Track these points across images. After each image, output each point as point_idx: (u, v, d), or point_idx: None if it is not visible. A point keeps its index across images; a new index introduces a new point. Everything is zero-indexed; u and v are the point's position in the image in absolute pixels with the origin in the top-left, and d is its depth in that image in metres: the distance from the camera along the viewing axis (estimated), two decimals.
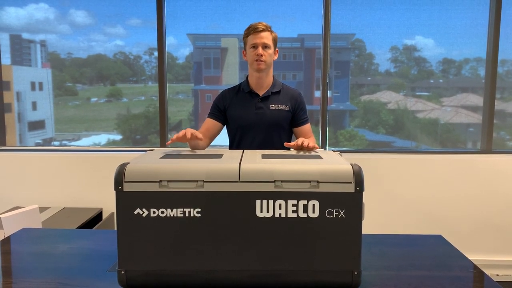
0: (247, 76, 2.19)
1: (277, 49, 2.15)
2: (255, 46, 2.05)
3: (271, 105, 2.12)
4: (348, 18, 3.30)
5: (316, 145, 1.68)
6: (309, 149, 1.62)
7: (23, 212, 2.15)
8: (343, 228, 1.20)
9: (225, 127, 2.23)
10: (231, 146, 2.23)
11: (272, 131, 2.12)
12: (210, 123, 2.14)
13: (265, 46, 2.05)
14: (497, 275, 3.16)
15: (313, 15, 3.30)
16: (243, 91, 2.16)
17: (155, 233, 1.21)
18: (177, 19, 3.33)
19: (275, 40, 2.11)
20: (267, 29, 2.07)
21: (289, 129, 2.19)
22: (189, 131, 1.68)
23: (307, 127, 2.18)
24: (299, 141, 1.65)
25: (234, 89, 2.20)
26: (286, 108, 2.13)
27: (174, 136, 1.69)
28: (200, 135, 1.73)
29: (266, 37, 2.05)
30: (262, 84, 2.14)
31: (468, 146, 3.48)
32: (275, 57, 2.15)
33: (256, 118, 2.11)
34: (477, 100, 3.40)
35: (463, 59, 3.39)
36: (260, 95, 2.13)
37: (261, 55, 2.04)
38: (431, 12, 3.28)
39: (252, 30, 2.05)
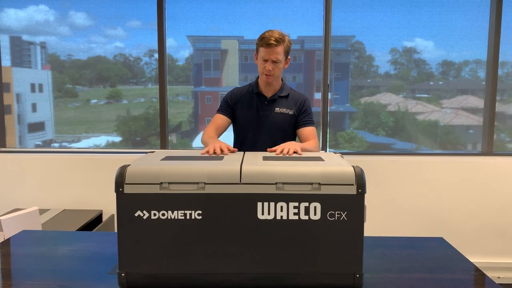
0: (257, 77, 2.20)
1: (289, 57, 2.15)
2: (265, 60, 2.05)
3: (276, 108, 2.14)
4: (349, 20, 3.30)
5: (299, 150, 1.68)
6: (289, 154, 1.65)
7: (23, 214, 2.14)
8: (345, 230, 1.20)
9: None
10: (234, 145, 2.25)
11: (274, 134, 2.13)
12: (220, 119, 2.17)
13: (275, 62, 2.05)
14: (499, 277, 3.16)
15: (313, 17, 3.30)
16: (252, 91, 2.19)
17: (155, 236, 1.20)
18: (177, 21, 3.33)
19: (287, 52, 2.09)
20: (280, 42, 2.03)
21: (293, 133, 2.20)
22: (225, 148, 1.64)
23: (308, 130, 2.15)
24: (278, 150, 1.68)
25: (243, 88, 2.23)
26: (291, 112, 2.15)
27: (210, 151, 1.61)
28: (235, 150, 1.70)
29: (277, 53, 2.03)
30: (271, 88, 2.17)
31: (468, 148, 3.48)
32: (286, 66, 2.15)
33: (259, 119, 2.14)
34: (476, 102, 3.40)
35: (462, 61, 3.39)
36: (268, 98, 2.16)
37: (270, 70, 2.05)
38: (431, 14, 3.28)
39: (265, 44, 2.03)
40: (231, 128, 2.27)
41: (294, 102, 2.17)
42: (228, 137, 2.21)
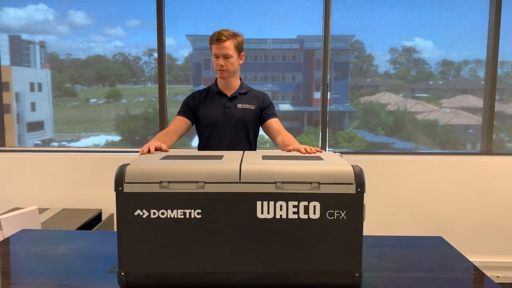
0: (216, 78, 2.28)
1: (242, 53, 2.22)
2: (217, 56, 2.14)
3: (238, 105, 2.22)
4: (348, 20, 3.31)
5: (318, 148, 1.68)
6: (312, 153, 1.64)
7: (22, 213, 2.14)
8: (344, 229, 1.20)
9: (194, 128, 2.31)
10: (200, 145, 2.31)
11: (239, 130, 2.21)
12: (180, 120, 2.21)
13: (226, 56, 2.13)
14: (498, 276, 3.16)
15: (312, 16, 3.30)
16: (212, 92, 2.26)
17: (155, 234, 1.20)
18: (176, 20, 3.33)
19: (238, 47, 2.17)
20: (229, 38, 2.12)
21: (256, 129, 2.29)
22: (153, 146, 1.63)
23: (277, 121, 2.21)
24: (302, 149, 1.65)
25: (203, 90, 2.30)
26: (253, 107, 2.23)
27: (140, 152, 1.62)
28: (164, 147, 1.67)
29: (227, 47, 2.12)
30: (230, 86, 2.25)
31: (467, 147, 3.48)
32: (241, 62, 2.23)
33: (224, 116, 2.20)
34: (476, 101, 3.40)
35: (462, 61, 3.39)
36: (228, 96, 2.24)
37: (222, 65, 2.13)
38: (431, 13, 3.28)
39: (215, 40, 2.12)
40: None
41: (255, 98, 2.26)
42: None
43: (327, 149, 3.35)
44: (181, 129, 2.19)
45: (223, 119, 2.20)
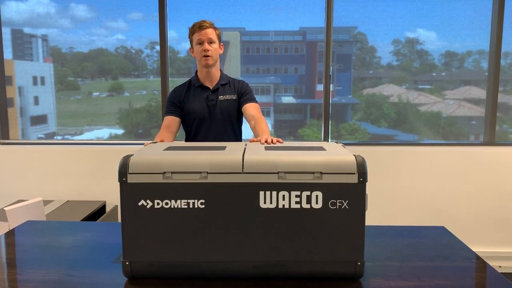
0: (196, 71, 2.31)
1: (221, 44, 2.27)
2: (201, 43, 2.17)
3: (220, 96, 2.26)
4: (351, 10, 3.29)
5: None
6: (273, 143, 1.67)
7: (27, 205, 2.16)
8: (347, 219, 1.20)
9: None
10: (187, 139, 2.35)
11: (225, 121, 2.25)
12: (169, 119, 2.25)
13: (210, 42, 2.18)
14: (500, 266, 3.17)
15: (315, 8, 3.28)
16: (193, 86, 2.29)
17: (159, 224, 1.21)
18: (178, 12, 3.33)
19: (219, 36, 2.24)
20: (211, 26, 2.19)
21: (240, 118, 2.33)
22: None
23: (253, 107, 2.23)
24: (262, 140, 1.68)
25: (184, 85, 2.32)
26: (234, 97, 2.27)
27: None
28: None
29: (211, 33, 2.18)
30: (211, 78, 2.27)
31: (470, 139, 3.47)
32: (221, 52, 2.27)
33: (208, 109, 2.24)
34: (479, 93, 3.39)
35: (465, 52, 3.38)
36: (211, 88, 2.26)
37: (207, 50, 2.17)
38: (434, 4, 3.26)
39: (197, 28, 2.17)
40: None
41: (235, 88, 2.30)
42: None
43: (330, 141, 3.35)
44: (175, 127, 2.24)
45: (209, 112, 2.24)
